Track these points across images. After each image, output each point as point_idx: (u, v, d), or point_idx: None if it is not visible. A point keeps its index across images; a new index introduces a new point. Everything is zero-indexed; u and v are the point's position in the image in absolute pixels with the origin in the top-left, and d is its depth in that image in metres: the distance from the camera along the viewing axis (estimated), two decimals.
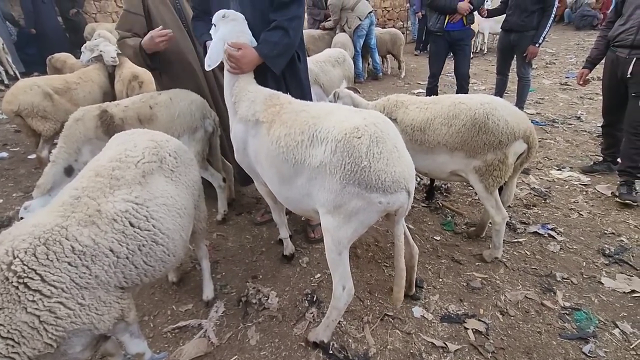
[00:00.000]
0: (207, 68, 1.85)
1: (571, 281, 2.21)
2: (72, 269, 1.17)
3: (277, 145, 1.61)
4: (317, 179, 1.52)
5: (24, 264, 1.09)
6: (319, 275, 2.32)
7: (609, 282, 2.18)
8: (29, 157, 4.32)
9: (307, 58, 2.63)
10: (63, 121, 3.41)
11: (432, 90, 4.65)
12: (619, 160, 3.20)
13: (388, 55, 7.71)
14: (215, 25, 1.87)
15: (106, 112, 2.38)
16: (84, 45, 4.20)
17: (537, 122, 4.65)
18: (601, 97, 3.38)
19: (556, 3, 3.85)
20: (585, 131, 4.37)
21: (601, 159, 3.47)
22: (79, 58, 4.37)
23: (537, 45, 4.02)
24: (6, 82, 7.56)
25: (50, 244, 1.14)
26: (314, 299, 2.13)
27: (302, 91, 2.33)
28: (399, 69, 7.71)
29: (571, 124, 4.61)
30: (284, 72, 2.22)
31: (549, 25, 3.91)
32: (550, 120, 4.75)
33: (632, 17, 2.75)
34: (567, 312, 1.99)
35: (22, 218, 2.09)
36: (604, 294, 2.11)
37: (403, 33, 8.13)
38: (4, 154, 4.43)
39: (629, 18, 2.77)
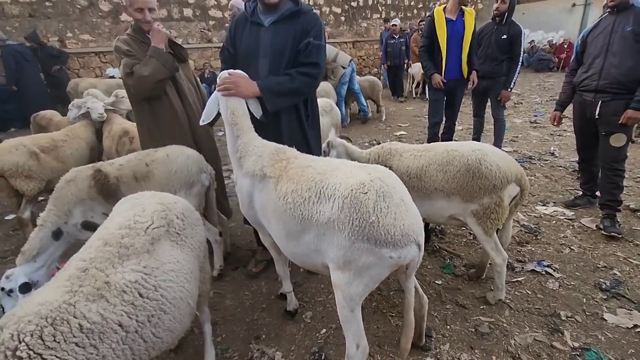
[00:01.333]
0: (200, 123, 1.94)
1: (575, 319, 2.22)
2: (79, 350, 1.09)
3: (284, 201, 1.62)
4: (326, 235, 1.52)
5: (30, 349, 1.01)
6: (324, 330, 2.24)
7: (612, 318, 2.21)
8: (6, 217, 4.11)
9: None
10: (48, 180, 3.35)
11: (433, 139, 4.43)
12: (597, 193, 3.37)
13: (368, 100, 8.10)
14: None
15: (100, 171, 2.35)
16: (72, 102, 4.20)
17: (515, 159, 4.87)
18: (570, 133, 3.65)
19: (522, 53, 4.25)
20: (561, 166, 4.62)
21: (581, 193, 3.65)
22: (62, 113, 4.32)
23: (509, 89, 4.36)
24: None
25: (57, 324, 1.07)
26: (322, 357, 2.04)
27: (309, 150, 2.39)
28: (378, 113, 8.08)
29: (547, 160, 4.87)
30: (295, 133, 2.31)
31: (517, 71, 4.30)
32: (527, 157, 5.01)
33: (593, 66, 3.04)
34: (578, 353, 1.98)
35: (2, 289, 1.95)
36: (609, 331, 2.12)
37: (379, 79, 8.62)
38: None
39: (590, 67, 3.07)
